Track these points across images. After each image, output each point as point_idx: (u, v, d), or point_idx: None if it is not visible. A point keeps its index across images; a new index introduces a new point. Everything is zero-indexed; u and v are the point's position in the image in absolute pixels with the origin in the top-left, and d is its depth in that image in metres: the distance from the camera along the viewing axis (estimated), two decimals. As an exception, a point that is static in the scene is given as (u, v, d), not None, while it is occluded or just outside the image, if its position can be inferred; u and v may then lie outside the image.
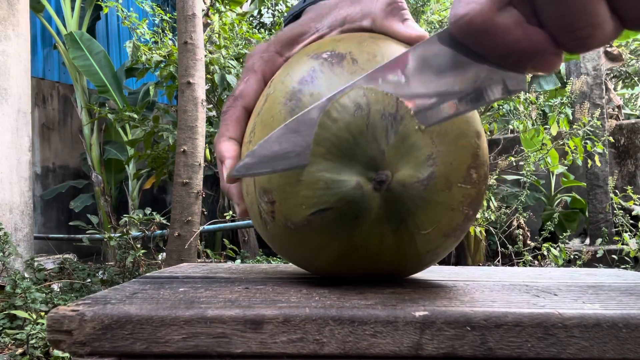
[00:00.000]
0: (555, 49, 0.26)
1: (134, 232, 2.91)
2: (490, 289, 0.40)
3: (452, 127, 0.35)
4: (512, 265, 2.87)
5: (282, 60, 0.43)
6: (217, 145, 0.42)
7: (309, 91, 0.36)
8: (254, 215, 0.41)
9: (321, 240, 0.36)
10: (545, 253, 2.66)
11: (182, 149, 2.36)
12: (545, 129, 3.11)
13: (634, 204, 3.08)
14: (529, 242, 2.95)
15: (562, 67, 5.42)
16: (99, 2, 4.48)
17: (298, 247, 0.38)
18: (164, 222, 2.77)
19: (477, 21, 0.26)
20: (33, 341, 1.74)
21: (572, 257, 2.74)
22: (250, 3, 4.88)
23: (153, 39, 3.98)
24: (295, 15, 0.48)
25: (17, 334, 1.82)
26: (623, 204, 3.11)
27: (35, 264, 2.56)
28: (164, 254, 2.78)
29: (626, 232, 2.92)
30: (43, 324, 1.83)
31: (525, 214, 3.02)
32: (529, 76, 3.51)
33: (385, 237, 0.36)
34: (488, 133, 3.34)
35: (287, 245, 0.39)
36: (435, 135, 0.34)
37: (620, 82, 6.10)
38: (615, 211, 3.12)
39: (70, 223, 4.35)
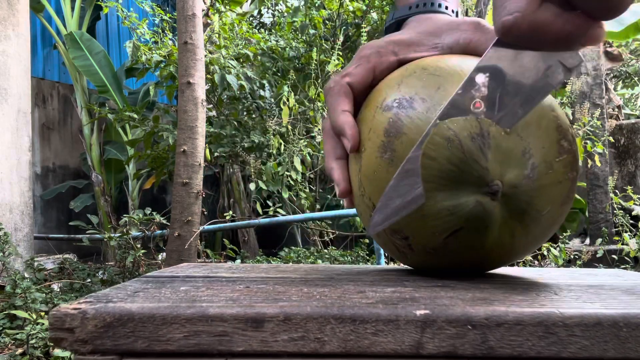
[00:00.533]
0: (594, 23, 0.30)
1: (134, 232, 2.91)
2: (490, 288, 0.40)
3: (530, 115, 0.37)
4: (512, 265, 2.88)
5: (395, 61, 0.45)
6: (335, 118, 0.43)
7: (399, 140, 0.39)
8: (391, 250, 0.45)
9: (461, 254, 0.41)
10: (545, 253, 2.66)
11: (182, 149, 2.36)
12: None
13: (634, 204, 3.08)
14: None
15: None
16: (99, 2, 4.49)
17: (442, 263, 0.43)
18: (164, 222, 2.77)
19: (523, 26, 0.30)
20: (33, 341, 1.74)
21: (572, 257, 2.74)
22: (250, 3, 4.89)
23: (153, 39, 3.98)
24: (399, 22, 0.50)
25: (17, 334, 1.82)
26: (623, 204, 3.11)
27: (35, 264, 2.56)
28: (164, 254, 2.78)
29: (626, 232, 2.92)
30: (43, 324, 1.83)
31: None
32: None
33: (515, 232, 0.39)
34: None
35: (432, 263, 0.44)
36: (520, 130, 0.37)
37: (620, 82, 6.10)
38: (615, 211, 3.12)
39: (70, 223, 4.35)
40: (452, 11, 0.49)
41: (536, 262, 2.81)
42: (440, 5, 0.49)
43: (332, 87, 0.45)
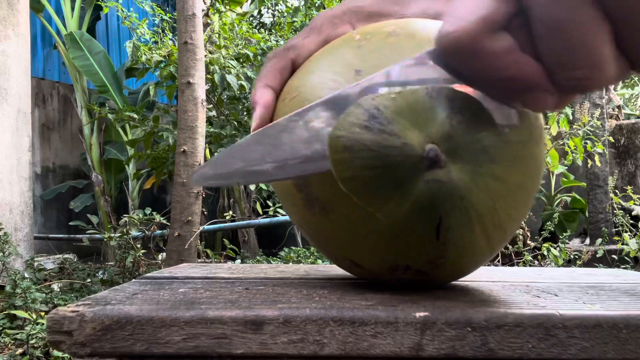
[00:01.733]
0: (548, 85, 0.24)
1: (134, 232, 2.91)
2: (490, 289, 0.40)
3: None
4: (512, 265, 2.88)
5: (351, 30, 0.40)
6: (254, 91, 0.39)
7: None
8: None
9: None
10: (545, 253, 2.66)
11: (182, 149, 2.36)
12: (545, 128, 3.11)
13: (634, 204, 3.08)
14: (529, 242, 2.95)
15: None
16: (99, 2, 4.48)
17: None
18: (164, 222, 2.78)
19: (464, 41, 0.24)
20: (33, 341, 1.74)
21: (572, 257, 2.74)
22: (250, 3, 4.88)
23: (153, 39, 3.98)
24: None
25: (17, 334, 1.82)
26: (623, 204, 3.11)
27: (35, 264, 2.56)
28: (164, 254, 2.78)
29: (626, 232, 2.92)
30: (43, 324, 1.83)
31: (525, 214, 3.02)
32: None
33: (496, 173, 0.33)
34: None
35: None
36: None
37: (620, 82, 6.10)
38: (615, 211, 3.12)
39: (70, 223, 4.36)
40: None
41: (536, 262, 2.81)
42: None
43: (270, 57, 0.40)
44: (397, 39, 0.35)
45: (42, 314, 1.95)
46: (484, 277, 0.49)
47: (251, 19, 5.02)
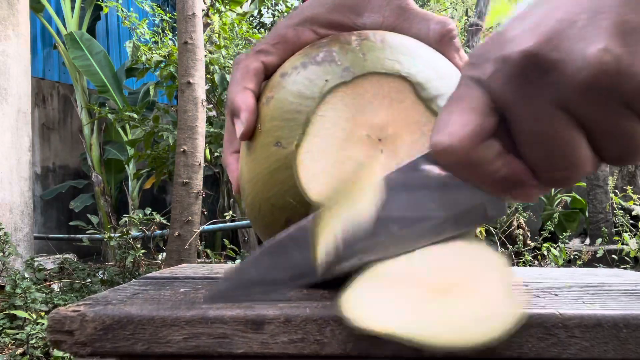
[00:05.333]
0: (534, 181, 0.27)
1: (134, 232, 2.91)
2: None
3: None
4: (512, 265, 2.88)
5: (314, 38, 0.41)
6: (234, 95, 0.38)
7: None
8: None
9: None
10: (545, 253, 2.66)
11: (182, 149, 2.36)
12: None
13: (634, 204, 3.08)
14: (529, 242, 2.95)
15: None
16: (99, 2, 4.48)
17: None
18: (164, 222, 2.77)
19: (457, 152, 0.26)
20: (33, 341, 1.74)
21: (572, 257, 2.74)
22: (250, 3, 4.88)
23: (153, 39, 3.98)
24: None
25: (17, 334, 1.82)
26: (623, 204, 3.11)
27: (35, 264, 2.56)
28: (164, 254, 2.78)
29: (626, 232, 2.92)
30: (43, 324, 1.83)
31: (525, 214, 3.02)
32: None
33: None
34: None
35: None
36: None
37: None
38: (615, 211, 3.12)
39: (70, 223, 4.35)
40: None
41: (536, 262, 2.81)
42: None
43: (242, 60, 0.39)
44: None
45: (42, 314, 1.95)
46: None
47: (251, 19, 5.02)
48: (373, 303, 0.29)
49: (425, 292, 0.29)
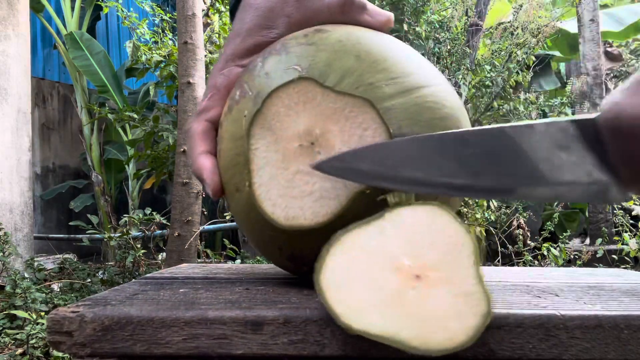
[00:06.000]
0: None
1: (134, 232, 2.91)
2: (491, 289, 0.40)
3: None
4: (512, 265, 2.87)
5: (242, 71, 0.43)
6: (192, 163, 0.41)
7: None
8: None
9: None
10: (545, 253, 2.66)
11: (182, 149, 2.36)
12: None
13: (634, 204, 3.08)
14: (529, 242, 2.95)
15: (562, 67, 5.43)
16: (99, 2, 4.48)
17: None
18: (164, 222, 2.77)
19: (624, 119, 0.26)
20: (33, 341, 1.74)
21: (572, 257, 2.74)
22: (250, 3, 4.88)
23: (153, 39, 3.98)
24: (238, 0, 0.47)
25: (17, 334, 1.82)
26: (623, 204, 3.11)
27: (35, 264, 2.56)
28: (164, 254, 2.78)
29: (626, 232, 2.92)
30: (43, 324, 1.83)
31: (525, 214, 3.02)
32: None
33: None
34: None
35: None
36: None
37: (620, 82, 6.10)
38: (615, 211, 3.12)
39: (70, 223, 4.35)
40: None
41: (536, 262, 2.81)
42: None
43: (190, 127, 0.43)
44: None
45: (42, 314, 1.95)
46: (485, 277, 0.49)
47: (251, 19, 5.01)
48: (351, 293, 0.29)
49: (401, 280, 0.29)
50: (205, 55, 3.07)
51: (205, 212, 3.96)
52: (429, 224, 0.31)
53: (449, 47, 3.47)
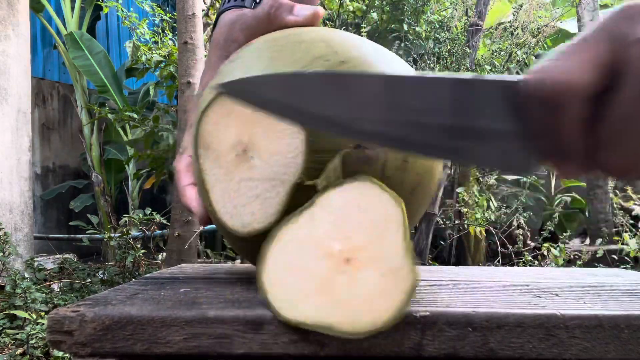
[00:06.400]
0: (584, 161, 0.26)
1: (134, 232, 2.91)
2: (491, 289, 0.40)
3: None
4: (512, 265, 2.87)
5: None
6: (180, 196, 0.46)
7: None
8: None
9: None
10: (545, 253, 2.66)
11: (182, 150, 2.36)
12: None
13: (634, 204, 3.07)
14: (529, 242, 2.95)
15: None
16: (99, 2, 4.48)
17: None
18: (164, 222, 2.77)
19: (565, 93, 0.24)
20: (33, 341, 1.74)
21: (572, 257, 2.73)
22: (250, 3, 4.87)
23: (153, 39, 3.98)
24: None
25: (17, 334, 1.82)
26: (623, 204, 3.11)
27: (35, 264, 2.56)
28: (164, 254, 2.78)
29: (626, 232, 2.92)
30: (43, 324, 1.83)
31: (525, 214, 3.02)
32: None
33: None
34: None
35: None
36: None
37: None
38: (615, 211, 3.12)
39: (70, 223, 4.35)
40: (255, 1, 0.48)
41: (536, 262, 2.81)
42: None
43: (175, 165, 0.48)
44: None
45: (42, 314, 1.95)
46: (485, 277, 0.49)
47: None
48: (287, 286, 0.30)
49: (332, 266, 0.30)
50: (205, 55, 3.07)
51: (205, 212, 3.95)
52: (357, 203, 0.31)
53: (449, 47, 3.47)
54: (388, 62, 0.40)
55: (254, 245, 0.39)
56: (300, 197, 0.35)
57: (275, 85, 0.30)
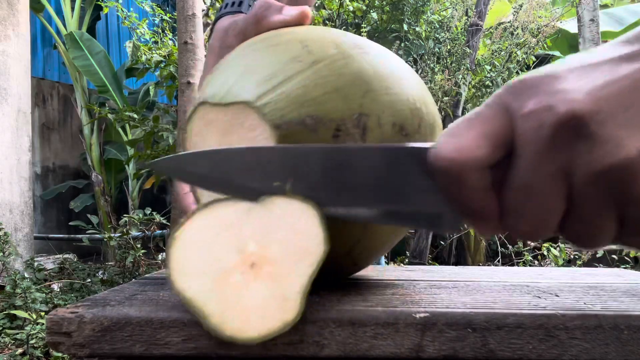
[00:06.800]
0: (498, 224, 0.27)
1: (134, 232, 2.91)
2: (491, 290, 0.40)
3: None
4: (512, 265, 2.87)
5: None
6: (181, 200, 0.46)
7: None
8: None
9: None
10: (545, 253, 2.66)
11: (182, 149, 2.36)
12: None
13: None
14: (529, 242, 2.95)
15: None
16: (99, 2, 4.48)
17: None
18: (164, 222, 2.77)
19: (457, 168, 0.26)
20: (33, 341, 1.74)
21: (572, 257, 2.73)
22: (250, 3, 4.87)
23: (153, 39, 3.98)
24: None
25: (17, 334, 1.82)
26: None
27: (35, 264, 2.56)
28: (164, 254, 2.78)
29: (626, 232, 2.92)
30: (43, 324, 1.83)
31: (525, 214, 3.02)
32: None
33: None
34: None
35: None
36: None
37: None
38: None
39: (70, 223, 4.35)
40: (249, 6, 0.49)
41: (536, 262, 2.81)
42: (241, 4, 0.49)
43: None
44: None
45: (42, 314, 1.95)
46: (484, 278, 0.49)
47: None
48: (191, 258, 0.30)
49: (237, 262, 0.30)
50: (205, 55, 3.07)
51: (205, 212, 3.95)
52: (293, 221, 0.31)
53: (449, 47, 3.47)
54: (371, 54, 0.39)
55: None
56: None
57: (203, 162, 0.32)
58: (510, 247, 2.89)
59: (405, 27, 3.72)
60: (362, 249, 0.39)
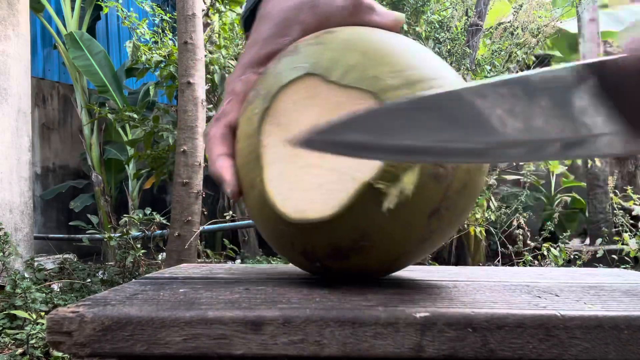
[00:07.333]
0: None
1: (134, 232, 2.91)
2: (491, 290, 0.40)
3: None
4: (512, 265, 2.87)
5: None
6: (212, 165, 0.42)
7: None
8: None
9: None
10: (545, 253, 2.66)
11: (182, 149, 2.36)
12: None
13: (634, 204, 3.07)
14: (529, 242, 2.95)
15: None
16: (99, 2, 4.48)
17: None
18: (164, 222, 2.77)
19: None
20: (33, 341, 1.74)
21: (572, 257, 2.73)
22: (250, 3, 4.87)
23: (153, 39, 3.97)
24: (252, 10, 0.48)
25: (17, 334, 1.82)
26: (623, 204, 3.11)
27: (35, 264, 2.56)
28: (164, 254, 2.78)
29: (626, 232, 2.92)
30: (43, 324, 1.83)
31: (525, 214, 3.02)
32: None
33: None
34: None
35: None
36: None
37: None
38: (615, 211, 3.12)
39: (70, 223, 4.35)
40: None
41: (536, 262, 2.81)
42: None
43: (207, 133, 0.44)
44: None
45: (42, 314, 1.95)
46: (484, 278, 0.49)
47: (251, 19, 5.01)
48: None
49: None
50: (205, 55, 3.07)
51: (205, 212, 3.96)
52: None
53: (449, 47, 3.47)
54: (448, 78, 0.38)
55: (292, 235, 0.38)
56: (365, 198, 0.34)
57: (357, 128, 0.27)
58: (510, 247, 2.89)
59: (405, 27, 3.72)
60: (400, 265, 0.41)
